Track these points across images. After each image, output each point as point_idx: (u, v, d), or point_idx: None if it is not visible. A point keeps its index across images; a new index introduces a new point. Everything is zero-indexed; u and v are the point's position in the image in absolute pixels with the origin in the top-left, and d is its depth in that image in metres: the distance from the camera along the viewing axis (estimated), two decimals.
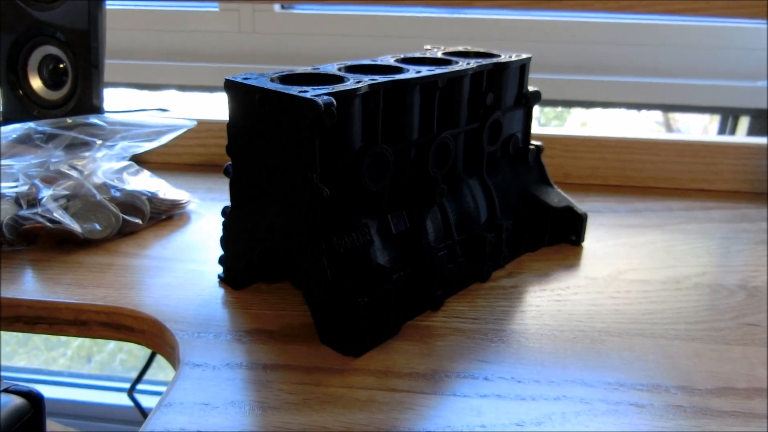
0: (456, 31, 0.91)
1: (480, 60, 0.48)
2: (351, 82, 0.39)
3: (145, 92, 1.05)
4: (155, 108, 0.76)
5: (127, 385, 0.91)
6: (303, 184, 0.37)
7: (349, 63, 0.45)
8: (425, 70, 0.43)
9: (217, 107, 1.12)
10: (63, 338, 1.39)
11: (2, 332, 0.58)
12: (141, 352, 1.39)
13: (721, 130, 1.01)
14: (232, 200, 0.43)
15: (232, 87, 0.39)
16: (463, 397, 0.35)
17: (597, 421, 0.33)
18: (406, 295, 0.41)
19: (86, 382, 1.18)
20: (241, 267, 0.45)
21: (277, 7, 0.97)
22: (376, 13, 0.93)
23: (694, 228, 0.58)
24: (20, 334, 1.35)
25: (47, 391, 1.13)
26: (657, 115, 1.12)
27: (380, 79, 0.40)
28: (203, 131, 0.71)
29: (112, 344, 1.38)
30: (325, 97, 0.35)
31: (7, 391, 0.21)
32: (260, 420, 0.33)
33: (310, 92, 0.36)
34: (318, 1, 0.94)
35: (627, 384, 0.36)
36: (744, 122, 0.97)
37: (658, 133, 0.70)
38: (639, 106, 1.02)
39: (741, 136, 0.91)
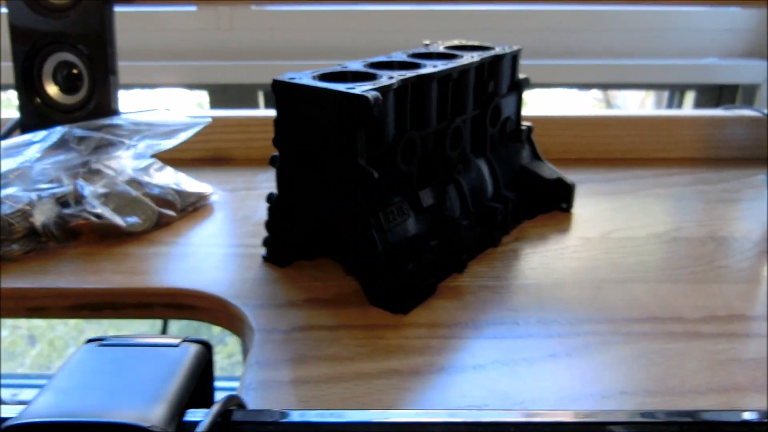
0: (427, 23, 0.98)
1: (481, 53, 0.54)
2: (385, 78, 0.45)
3: (134, 92, 1.08)
4: (161, 108, 0.79)
5: None
6: (353, 169, 0.43)
7: (371, 60, 0.51)
8: (440, 65, 0.49)
9: (196, 103, 1.16)
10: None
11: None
12: None
13: (669, 104, 1.12)
14: (278, 187, 0.49)
15: (279, 86, 0.45)
16: (502, 339, 0.42)
17: (613, 348, 0.41)
18: (438, 261, 0.47)
19: None
20: (285, 247, 0.50)
21: (253, 5, 1.00)
22: (350, 8, 0.98)
23: (662, 192, 0.67)
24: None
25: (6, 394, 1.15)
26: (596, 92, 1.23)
27: (408, 74, 0.46)
28: (207, 127, 0.75)
29: None
30: (373, 93, 0.41)
31: (186, 340, 0.27)
32: (340, 368, 0.39)
33: (357, 89, 0.41)
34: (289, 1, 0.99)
35: (631, 319, 0.44)
36: (690, 96, 1.08)
37: (625, 111, 0.78)
38: (590, 86, 1.11)
39: (688, 108, 1.01)
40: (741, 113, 0.76)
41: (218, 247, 0.55)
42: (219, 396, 0.26)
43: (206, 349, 0.27)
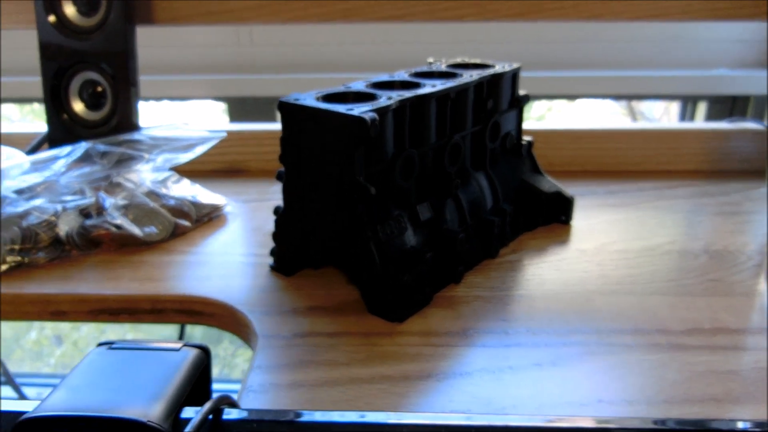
0: (448, 35, 1.00)
1: (480, 71, 0.57)
2: (384, 99, 0.47)
3: (153, 104, 1.12)
4: (179, 122, 0.83)
5: None
6: (352, 185, 0.46)
7: (374, 80, 0.54)
8: (439, 84, 0.52)
9: (220, 114, 1.20)
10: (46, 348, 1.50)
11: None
12: None
13: (682, 115, 1.13)
14: (284, 200, 0.52)
15: (285, 107, 0.48)
16: (490, 347, 0.44)
17: (598, 358, 0.43)
18: (434, 272, 0.50)
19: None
20: (291, 256, 0.53)
21: None
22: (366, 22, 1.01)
23: (663, 204, 0.68)
24: None
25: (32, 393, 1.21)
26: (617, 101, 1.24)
27: (407, 94, 0.48)
28: (224, 140, 0.78)
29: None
30: (370, 114, 0.44)
31: (186, 345, 0.30)
32: (336, 373, 0.41)
33: (356, 110, 0.44)
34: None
35: (617, 330, 0.46)
36: (702, 107, 1.08)
37: (629, 123, 0.80)
38: (605, 96, 1.12)
39: (700, 121, 1.02)
40: (744, 126, 0.77)
41: (229, 255, 0.58)
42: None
43: (204, 353, 0.30)
